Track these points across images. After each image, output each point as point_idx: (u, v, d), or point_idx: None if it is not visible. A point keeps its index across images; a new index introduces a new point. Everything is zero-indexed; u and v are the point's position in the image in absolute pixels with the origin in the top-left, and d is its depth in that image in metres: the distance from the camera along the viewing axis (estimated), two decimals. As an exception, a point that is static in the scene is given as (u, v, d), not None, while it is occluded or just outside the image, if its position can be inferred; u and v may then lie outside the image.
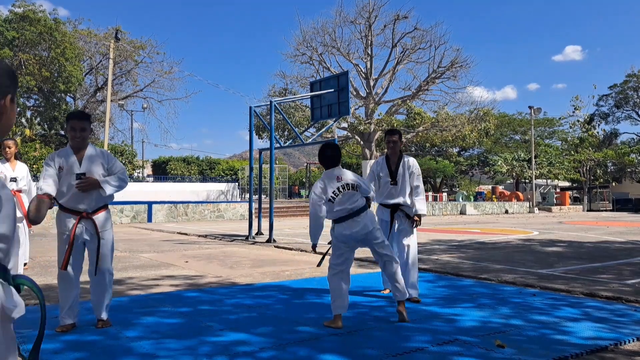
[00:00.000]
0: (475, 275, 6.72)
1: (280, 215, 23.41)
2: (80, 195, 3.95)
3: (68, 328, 3.97)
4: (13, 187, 6.30)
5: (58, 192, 3.96)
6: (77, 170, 3.95)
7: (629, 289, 5.73)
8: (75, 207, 3.98)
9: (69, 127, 4.01)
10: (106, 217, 4.15)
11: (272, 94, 33.67)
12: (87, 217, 4.00)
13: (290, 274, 7.02)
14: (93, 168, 4.00)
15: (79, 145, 4.02)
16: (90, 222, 4.01)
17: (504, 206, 34.24)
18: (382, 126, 32.56)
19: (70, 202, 3.98)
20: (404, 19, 31.94)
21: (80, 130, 3.98)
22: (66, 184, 3.95)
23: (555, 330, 4.01)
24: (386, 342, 3.71)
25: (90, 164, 4.01)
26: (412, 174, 5.40)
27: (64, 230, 4.00)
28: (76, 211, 3.98)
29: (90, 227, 4.02)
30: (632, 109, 55.19)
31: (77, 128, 3.97)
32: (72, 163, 3.97)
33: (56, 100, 33.61)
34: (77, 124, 3.97)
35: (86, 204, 3.99)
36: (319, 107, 13.90)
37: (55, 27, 31.18)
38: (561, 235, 13.65)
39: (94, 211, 4.03)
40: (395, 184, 5.35)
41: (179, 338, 3.80)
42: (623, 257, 8.72)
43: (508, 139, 54.53)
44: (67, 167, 3.95)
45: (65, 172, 3.95)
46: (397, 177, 5.36)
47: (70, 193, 3.96)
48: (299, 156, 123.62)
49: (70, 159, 3.98)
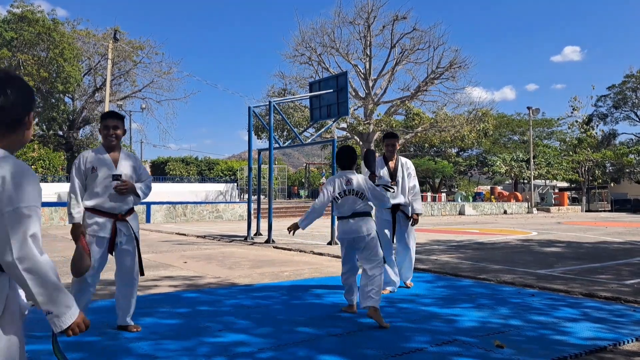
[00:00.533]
0: (474, 275, 6.73)
1: (279, 216, 23.40)
2: (116, 197, 3.84)
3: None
4: None
5: (90, 194, 3.83)
6: (113, 171, 3.84)
7: (627, 290, 5.74)
8: (110, 209, 3.85)
9: (103, 127, 3.89)
10: (137, 218, 4.09)
11: (271, 94, 33.68)
12: (121, 219, 3.91)
13: (289, 275, 7.02)
14: (128, 171, 3.92)
15: (113, 145, 3.90)
16: (125, 224, 3.93)
17: (502, 206, 34.28)
18: (381, 127, 32.58)
19: (105, 204, 3.83)
20: (402, 19, 31.96)
21: (114, 129, 3.86)
22: (101, 185, 3.81)
23: (554, 331, 4.01)
24: (385, 342, 3.71)
25: (126, 166, 3.92)
26: (410, 175, 5.67)
27: (96, 232, 3.82)
28: (111, 213, 3.86)
29: (126, 229, 3.93)
30: (631, 109, 55.27)
31: (111, 126, 3.86)
32: (108, 164, 3.85)
33: (54, 100, 33.58)
34: (111, 122, 3.86)
35: (122, 206, 3.90)
36: (318, 108, 13.90)
37: (53, 28, 31.16)
38: (560, 236, 13.67)
39: (127, 212, 3.96)
40: (395, 184, 5.54)
41: (178, 339, 3.79)
42: (622, 258, 8.73)
43: (507, 139, 54.58)
44: (101, 168, 3.82)
45: (99, 173, 3.82)
46: (397, 177, 5.57)
47: (105, 194, 3.82)
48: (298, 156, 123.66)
49: (105, 159, 3.86)
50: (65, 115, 35.37)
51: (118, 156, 3.91)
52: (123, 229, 3.91)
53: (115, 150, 3.92)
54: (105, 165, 3.83)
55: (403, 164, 5.71)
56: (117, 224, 3.88)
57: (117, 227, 3.88)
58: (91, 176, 3.82)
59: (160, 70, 35.63)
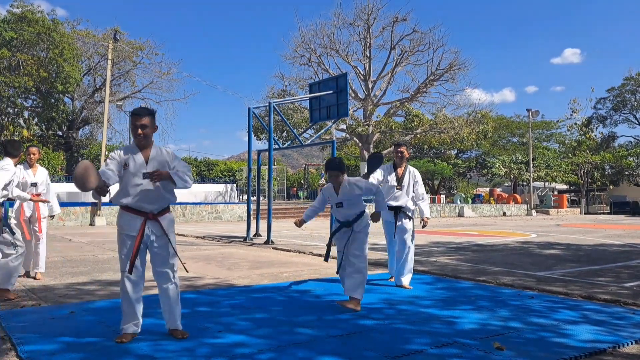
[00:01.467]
0: (474, 277, 6.73)
1: (278, 217, 23.40)
2: (147, 195, 3.74)
3: (128, 338, 3.73)
4: (32, 192, 6.55)
5: (122, 192, 3.77)
6: (144, 169, 3.73)
7: (627, 292, 5.74)
8: (141, 207, 3.75)
9: (131, 125, 3.78)
10: (170, 218, 3.93)
11: (270, 95, 33.68)
12: (153, 219, 3.79)
13: (288, 276, 7.01)
14: (160, 167, 3.75)
15: (143, 143, 3.77)
16: (156, 224, 3.80)
17: (501, 208, 34.30)
18: (380, 128, 32.59)
19: (136, 203, 3.74)
20: (402, 21, 32.00)
21: (142, 127, 3.72)
22: (132, 184, 3.72)
23: (553, 333, 4.01)
24: (385, 344, 3.71)
25: (157, 163, 3.77)
26: (417, 183, 6.30)
27: (127, 231, 3.76)
28: (142, 212, 3.77)
29: (157, 229, 3.81)
30: (630, 112, 55.31)
31: (138, 125, 3.72)
32: (139, 162, 3.74)
33: (54, 100, 33.56)
34: (137, 121, 3.72)
35: (153, 205, 3.78)
36: (317, 109, 13.90)
37: (53, 28, 31.16)
38: (559, 238, 13.67)
39: (159, 212, 3.83)
40: (400, 189, 6.19)
41: (177, 340, 3.79)
42: (621, 260, 8.73)
43: (506, 141, 54.61)
44: (133, 165, 3.73)
45: (131, 170, 3.72)
46: (403, 183, 6.20)
47: (137, 193, 3.73)
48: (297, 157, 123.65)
49: (136, 157, 3.75)
50: (64, 116, 35.35)
51: (149, 153, 3.79)
52: (154, 228, 3.80)
53: (147, 147, 3.80)
54: (136, 163, 3.74)
55: (410, 172, 6.31)
56: (147, 223, 3.77)
57: (147, 226, 3.77)
58: (123, 173, 3.74)
59: (159, 71, 35.65)
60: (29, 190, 6.49)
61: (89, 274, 7.03)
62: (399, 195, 6.14)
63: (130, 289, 3.77)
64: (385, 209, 5.38)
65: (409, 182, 6.21)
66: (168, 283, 3.88)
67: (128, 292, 3.76)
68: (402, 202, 6.13)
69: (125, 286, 3.77)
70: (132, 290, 3.77)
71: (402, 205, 6.13)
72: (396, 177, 6.21)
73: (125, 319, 3.79)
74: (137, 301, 3.80)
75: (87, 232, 15.59)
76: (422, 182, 6.38)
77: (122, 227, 3.79)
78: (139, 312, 3.82)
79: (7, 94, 30.93)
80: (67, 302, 5.21)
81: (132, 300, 3.77)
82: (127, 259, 3.75)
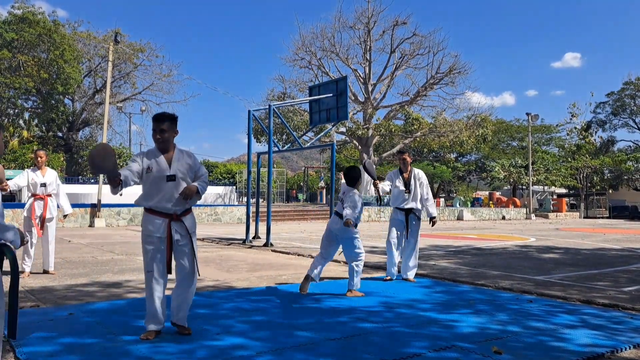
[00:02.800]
0: (473, 281, 6.73)
1: (277, 219, 23.40)
2: (169, 197, 3.85)
3: (152, 335, 3.83)
4: (42, 192, 7.00)
5: (147, 195, 3.89)
6: (167, 172, 3.85)
7: (625, 297, 5.75)
8: (166, 209, 3.87)
9: (152, 130, 3.90)
10: (193, 218, 4.06)
11: (270, 98, 33.73)
12: (177, 219, 3.90)
13: (287, 278, 7.01)
14: (182, 170, 3.90)
15: (163, 147, 3.90)
16: (180, 224, 3.91)
17: (501, 212, 34.30)
18: (380, 131, 32.62)
19: (159, 204, 3.86)
20: (402, 24, 32.11)
21: (160, 132, 3.85)
22: (155, 186, 3.85)
23: (552, 337, 4.02)
24: (383, 347, 3.71)
25: (179, 167, 3.90)
26: (422, 184, 6.80)
27: (152, 232, 3.86)
28: (166, 214, 3.88)
29: (180, 229, 3.91)
30: (629, 116, 55.44)
31: (157, 129, 3.85)
32: (162, 165, 3.86)
33: (54, 102, 33.58)
34: (157, 125, 3.86)
35: (176, 206, 3.89)
36: (317, 112, 13.91)
37: (54, 29, 31.21)
38: (558, 242, 13.68)
39: (182, 213, 3.94)
40: (408, 192, 6.72)
41: (176, 342, 3.79)
42: (620, 265, 8.74)
43: (505, 145, 54.69)
44: (156, 168, 3.84)
45: (154, 173, 3.84)
46: (410, 187, 6.73)
47: (159, 195, 3.85)
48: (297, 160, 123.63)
49: (159, 160, 3.87)
50: (64, 117, 35.37)
51: (172, 156, 3.90)
52: (178, 228, 3.90)
53: (169, 150, 3.91)
54: (159, 166, 3.85)
55: (415, 174, 6.81)
56: (172, 224, 3.87)
57: (172, 227, 3.87)
58: (146, 176, 3.84)
59: (160, 73, 35.73)
60: (39, 191, 6.94)
61: (88, 276, 7.03)
62: (408, 198, 6.73)
63: (155, 288, 3.88)
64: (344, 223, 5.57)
65: (415, 185, 6.75)
66: (187, 279, 3.98)
67: (153, 291, 3.88)
68: (412, 205, 6.73)
69: (150, 285, 3.89)
70: (157, 289, 3.89)
71: (413, 207, 6.74)
72: (403, 181, 6.77)
73: (148, 317, 3.89)
74: (160, 300, 3.89)
75: (86, 234, 15.58)
76: (427, 183, 6.89)
77: (147, 229, 3.90)
78: (162, 311, 3.91)
79: (7, 95, 30.96)
80: (66, 303, 5.21)
81: (156, 299, 3.87)
82: (152, 260, 3.88)
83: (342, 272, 7.67)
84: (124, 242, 12.56)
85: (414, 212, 6.74)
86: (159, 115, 3.91)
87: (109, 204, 20.02)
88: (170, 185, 3.84)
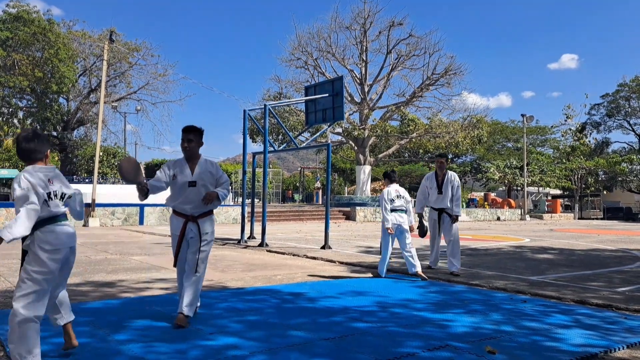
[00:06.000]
0: (467, 281, 6.74)
1: (273, 220, 23.37)
2: (188, 200, 4.35)
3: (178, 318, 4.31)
4: None
5: (171, 197, 4.45)
6: (189, 178, 4.34)
7: (619, 297, 5.76)
8: (184, 210, 4.37)
9: (181, 139, 4.39)
10: (210, 221, 4.47)
11: (266, 98, 33.68)
12: (192, 220, 4.35)
13: (282, 279, 7.00)
14: (203, 177, 4.37)
15: (188, 155, 4.39)
16: (195, 225, 4.36)
17: (496, 213, 34.39)
18: (376, 132, 32.63)
19: (180, 206, 4.39)
20: (399, 25, 32.12)
21: (187, 141, 4.34)
22: (179, 191, 4.38)
23: (546, 337, 4.02)
24: (378, 347, 3.71)
25: (201, 174, 4.37)
26: (454, 187, 7.44)
27: (174, 231, 4.43)
28: (185, 215, 4.37)
29: (194, 229, 4.35)
30: (624, 118, 55.68)
31: (185, 139, 4.36)
32: (185, 172, 4.37)
33: (49, 101, 33.39)
34: (184, 136, 4.37)
35: (194, 209, 4.36)
36: (313, 112, 13.91)
37: (49, 28, 31.05)
38: (552, 243, 13.72)
39: (199, 215, 4.37)
40: (441, 193, 7.42)
41: (169, 342, 3.77)
42: (613, 265, 8.77)
43: (501, 146, 54.85)
44: (180, 175, 4.36)
45: (178, 179, 4.35)
46: (443, 189, 7.40)
47: (181, 198, 4.37)
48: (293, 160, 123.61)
49: (184, 168, 4.38)
50: (59, 116, 35.19)
51: (196, 165, 4.39)
52: (193, 228, 4.36)
53: (193, 159, 4.41)
54: (183, 173, 4.37)
55: (449, 177, 7.46)
56: (188, 224, 4.34)
57: (188, 227, 4.34)
58: (172, 182, 4.38)
59: (155, 73, 35.57)
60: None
61: (81, 275, 6.99)
62: (441, 199, 7.39)
63: (179, 278, 4.51)
64: None
65: (447, 187, 7.40)
66: (192, 273, 4.36)
67: (178, 280, 4.52)
68: (444, 205, 7.41)
69: (177, 276, 4.54)
70: (179, 279, 4.50)
71: (445, 207, 7.42)
72: (437, 183, 7.48)
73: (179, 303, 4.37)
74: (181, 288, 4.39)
75: (80, 233, 15.46)
76: (459, 185, 7.53)
77: (171, 227, 4.51)
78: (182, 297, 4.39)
79: (1, 94, 30.78)
80: (58, 303, 5.17)
81: (179, 288, 4.47)
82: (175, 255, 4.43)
83: (337, 272, 7.67)
84: (118, 242, 12.50)
85: (446, 212, 7.42)
86: (187, 127, 4.40)
87: (103, 204, 19.93)
88: (191, 190, 4.33)
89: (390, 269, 7.91)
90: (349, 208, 28.13)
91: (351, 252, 10.54)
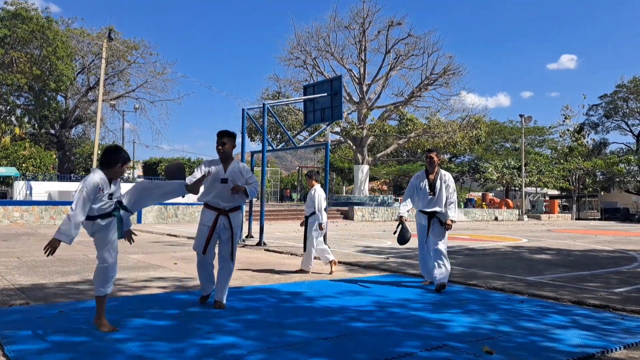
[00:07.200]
0: (465, 281, 6.75)
1: (271, 219, 23.36)
2: (221, 195, 4.85)
3: (202, 300, 5.06)
4: None
5: (205, 193, 4.91)
6: (222, 176, 4.85)
7: (616, 298, 5.78)
8: (217, 204, 4.88)
9: (216, 142, 4.88)
10: (239, 215, 5.02)
11: (265, 97, 33.67)
12: (224, 214, 4.87)
13: (279, 278, 7.00)
14: (234, 176, 4.88)
15: (223, 157, 4.91)
16: (226, 218, 4.88)
17: (493, 213, 34.43)
18: (374, 131, 32.62)
19: (213, 200, 4.89)
20: (397, 25, 32.11)
21: (222, 144, 4.85)
22: (211, 186, 4.86)
23: (543, 338, 4.03)
24: (375, 346, 3.71)
25: (233, 173, 4.90)
26: (448, 187, 6.31)
27: (205, 222, 4.90)
28: (217, 208, 4.87)
29: (225, 222, 4.88)
30: (622, 119, 55.75)
31: (219, 142, 4.86)
32: (219, 170, 4.88)
33: (47, 99, 33.33)
34: (219, 140, 4.87)
35: (227, 203, 4.88)
36: (312, 111, 13.90)
37: (47, 26, 30.97)
38: (550, 243, 13.75)
39: (230, 209, 4.90)
40: (433, 194, 6.26)
41: (168, 340, 3.77)
42: (611, 266, 8.79)
43: (499, 146, 54.88)
44: (214, 173, 4.84)
45: (212, 176, 4.83)
46: (435, 189, 6.27)
47: (213, 193, 4.87)
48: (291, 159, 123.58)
49: (218, 167, 4.89)
50: (57, 114, 35.12)
51: (229, 165, 4.92)
52: (224, 221, 4.88)
53: (227, 160, 4.93)
54: (217, 171, 4.87)
55: (442, 176, 6.31)
56: (220, 217, 4.85)
57: (219, 220, 4.85)
58: (206, 179, 4.77)
59: (154, 71, 35.54)
60: None
61: (79, 273, 6.98)
62: (433, 201, 6.24)
63: (200, 264, 4.97)
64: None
65: (441, 188, 6.25)
66: (225, 264, 4.93)
67: (198, 266, 4.99)
68: (436, 208, 6.25)
69: (198, 264, 4.98)
70: (202, 267, 4.97)
71: (436, 211, 6.24)
72: (428, 183, 6.30)
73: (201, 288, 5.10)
74: (206, 276, 5.00)
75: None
76: (453, 186, 6.38)
77: (202, 218, 4.95)
78: (208, 284, 5.02)
79: (-1, 92, 30.69)
80: (56, 301, 5.17)
81: (202, 275, 5.00)
82: (201, 244, 4.87)
83: (335, 271, 7.66)
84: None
85: (437, 216, 6.25)
86: (222, 132, 4.89)
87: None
88: (223, 187, 4.83)
89: (388, 268, 7.92)
90: (347, 207, 28.16)
91: (349, 251, 10.54)
